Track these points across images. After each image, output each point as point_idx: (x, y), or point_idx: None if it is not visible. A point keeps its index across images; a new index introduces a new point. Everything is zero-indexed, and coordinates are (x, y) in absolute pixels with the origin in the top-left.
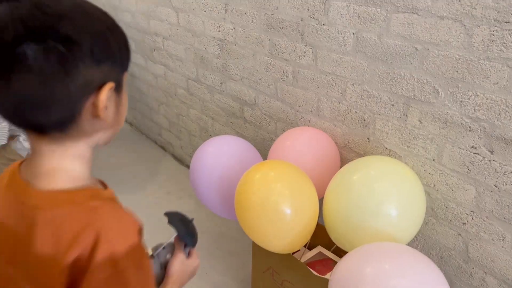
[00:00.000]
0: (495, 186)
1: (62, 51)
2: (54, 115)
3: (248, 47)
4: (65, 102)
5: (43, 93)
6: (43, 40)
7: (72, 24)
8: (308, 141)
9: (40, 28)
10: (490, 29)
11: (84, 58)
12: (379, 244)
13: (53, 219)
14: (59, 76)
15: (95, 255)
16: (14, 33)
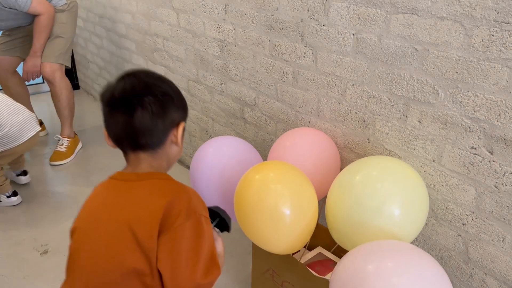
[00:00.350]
0: (495, 187)
1: (163, 101)
2: (154, 139)
3: (248, 48)
4: (161, 131)
5: (151, 125)
6: (154, 94)
7: (167, 86)
8: (308, 141)
9: (152, 87)
10: (490, 29)
11: (173, 105)
12: (381, 242)
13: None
14: (161, 115)
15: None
16: (139, 90)
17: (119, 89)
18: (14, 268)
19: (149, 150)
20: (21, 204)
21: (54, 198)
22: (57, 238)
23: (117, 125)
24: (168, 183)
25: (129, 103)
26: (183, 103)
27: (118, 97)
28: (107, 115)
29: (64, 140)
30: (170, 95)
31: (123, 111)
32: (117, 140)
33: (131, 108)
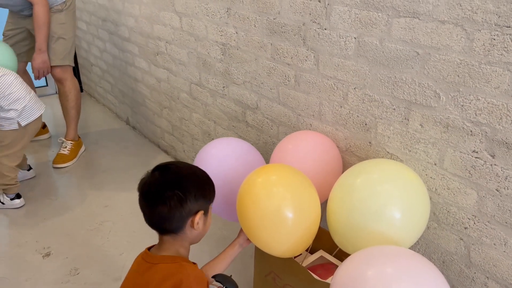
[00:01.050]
0: (497, 191)
1: (182, 197)
2: (173, 226)
3: (250, 51)
4: (179, 220)
5: (170, 216)
6: (173, 190)
7: (189, 183)
8: (310, 145)
9: (176, 184)
10: (491, 33)
11: (191, 199)
12: (382, 247)
13: (163, 268)
14: (178, 208)
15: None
16: (163, 191)
17: (148, 182)
18: (16, 270)
19: (170, 234)
20: (23, 206)
21: (56, 200)
22: (59, 240)
23: (145, 212)
24: (174, 267)
25: (153, 198)
26: (204, 193)
27: (145, 190)
28: (139, 199)
29: (67, 143)
30: (191, 191)
31: (148, 204)
32: (148, 223)
33: (154, 202)
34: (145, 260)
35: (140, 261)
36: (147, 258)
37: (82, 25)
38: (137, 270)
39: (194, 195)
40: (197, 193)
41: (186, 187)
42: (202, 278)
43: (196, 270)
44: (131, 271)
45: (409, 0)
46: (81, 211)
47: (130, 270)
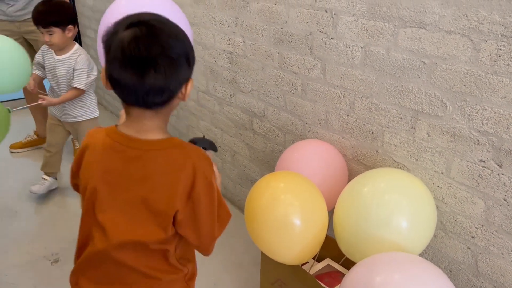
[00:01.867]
0: (504, 200)
1: (177, 62)
2: (163, 98)
3: (257, 60)
4: (172, 90)
5: (162, 87)
6: (169, 56)
7: (182, 45)
8: (316, 153)
9: (167, 47)
10: (498, 44)
11: (185, 65)
12: (389, 254)
13: (166, 155)
14: (173, 75)
15: (197, 175)
16: (153, 51)
17: (132, 45)
18: (24, 276)
19: (155, 108)
20: (32, 213)
21: (65, 207)
22: (68, 247)
23: (125, 80)
24: (180, 153)
25: (142, 64)
26: (194, 59)
27: (130, 55)
28: (114, 67)
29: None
30: (185, 55)
31: (135, 71)
32: (121, 91)
33: (144, 70)
34: (125, 144)
35: (114, 144)
36: (129, 143)
37: (91, 33)
38: (114, 157)
39: (188, 61)
40: (191, 59)
41: (182, 47)
42: (204, 155)
43: (197, 147)
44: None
45: (416, 11)
46: None
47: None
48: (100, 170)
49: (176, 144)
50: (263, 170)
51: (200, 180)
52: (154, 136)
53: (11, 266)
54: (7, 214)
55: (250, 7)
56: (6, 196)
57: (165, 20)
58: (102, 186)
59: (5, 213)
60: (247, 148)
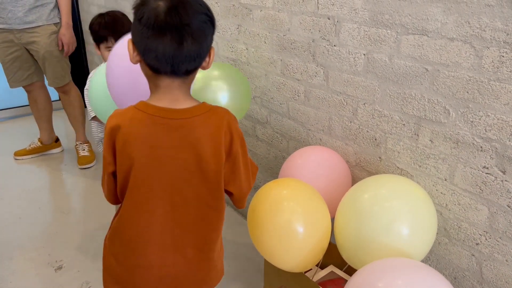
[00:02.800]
0: (508, 207)
1: (206, 28)
2: (196, 65)
3: (260, 67)
4: (202, 57)
5: (196, 54)
6: (201, 22)
7: (209, 11)
8: (320, 160)
9: (198, 13)
10: (500, 50)
11: (212, 30)
12: (391, 260)
13: (204, 119)
14: (205, 41)
15: (233, 132)
16: (187, 17)
17: (168, 13)
18: (28, 283)
19: (184, 76)
20: (36, 219)
21: (69, 214)
22: (72, 254)
23: (163, 49)
24: (216, 115)
25: (180, 31)
26: (215, 25)
27: (167, 23)
28: (146, 37)
29: (84, 146)
30: (211, 21)
31: (173, 38)
32: (157, 60)
33: (182, 37)
34: (165, 116)
35: (154, 118)
36: (167, 114)
37: None
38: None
39: (214, 24)
40: (215, 24)
41: (209, 13)
42: (232, 114)
43: (224, 108)
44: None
45: (418, 18)
46: (93, 224)
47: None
48: (147, 146)
49: (209, 108)
50: (266, 176)
51: (236, 136)
52: (187, 104)
53: (15, 272)
54: (11, 220)
55: (253, 14)
56: (10, 202)
57: None
58: (152, 161)
59: (9, 219)
60: (251, 155)
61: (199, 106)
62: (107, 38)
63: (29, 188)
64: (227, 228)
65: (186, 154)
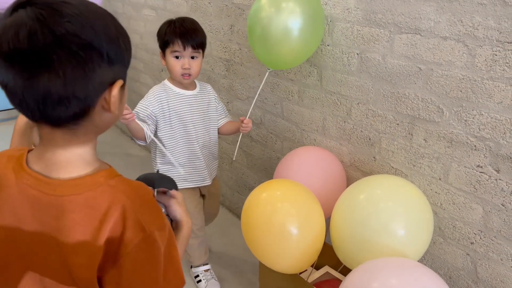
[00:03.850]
0: (502, 205)
1: (83, 57)
2: (71, 110)
3: (254, 67)
4: (82, 99)
5: (65, 92)
6: (69, 47)
7: (92, 32)
8: (314, 160)
9: (65, 35)
10: (493, 49)
11: (100, 62)
12: (385, 259)
13: (84, 202)
14: (80, 78)
15: (127, 225)
16: (43, 40)
17: (11, 34)
18: None
19: (66, 126)
20: None
21: None
22: None
23: (9, 84)
24: (104, 193)
25: (27, 61)
26: (120, 52)
27: (10, 48)
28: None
29: None
30: (96, 47)
31: (19, 71)
32: (10, 99)
33: (31, 68)
34: (35, 188)
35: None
36: (39, 185)
37: None
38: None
39: (106, 55)
40: (111, 52)
41: (90, 42)
42: (144, 194)
43: (137, 184)
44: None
45: (411, 17)
46: None
47: None
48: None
49: (102, 182)
50: (261, 177)
51: (132, 231)
52: (73, 171)
53: None
54: None
55: (246, 14)
56: None
57: None
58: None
59: None
60: (245, 155)
61: (87, 177)
62: (173, 41)
63: None
64: (222, 229)
65: (54, 248)
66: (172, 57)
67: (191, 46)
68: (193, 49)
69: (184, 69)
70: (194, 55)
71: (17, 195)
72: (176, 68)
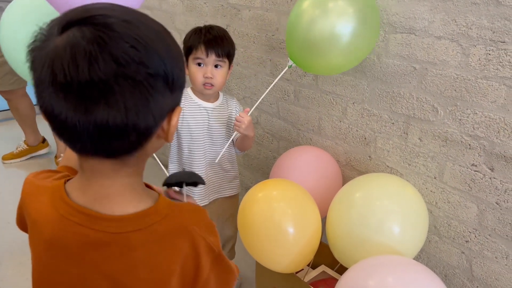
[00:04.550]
0: (497, 204)
1: (147, 87)
2: (129, 142)
3: (250, 67)
4: (142, 130)
5: (124, 125)
6: (132, 76)
7: (158, 58)
8: (310, 159)
9: (130, 63)
10: (486, 48)
11: (164, 90)
12: (382, 257)
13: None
14: (142, 109)
15: (199, 253)
16: (104, 69)
17: (65, 62)
18: None
19: (119, 157)
20: None
21: None
22: None
23: (61, 116)
24: (168, 227)
25: (85, 92)
26: (182, 75)
27: (64, 78)
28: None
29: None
30: (162, 74)
31: (75, 102)
32: (59, 131)
33: (88, 100)
34: (79, 223)
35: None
36: (86, 222)
37: None
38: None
39: (172, 83)
40: (175, 78)
41: (158, 59)
42: (200, 215)
43: (193, 209)
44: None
45: (405, 17)
46: None
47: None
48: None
49: (164, 213)
50: (257, 177)
51: (205, 257)
52: (124, 205)
53: (4, 277)
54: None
55: (241, 14)
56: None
57: (126, 12)
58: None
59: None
60: (241, 155)
61: (143, 213)
62: (196, 47)
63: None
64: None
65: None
66: (194, 64)
67: (215, 53)
68: (217, 56)
69: (206, 77)
70: (218, 63)
71: (59, 234)
72: (198, 76)
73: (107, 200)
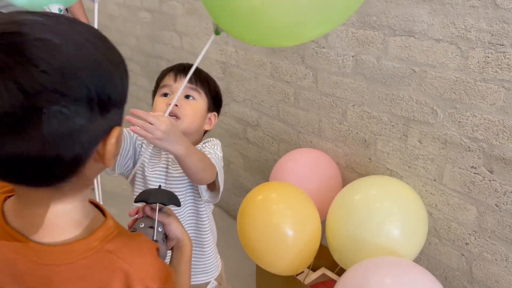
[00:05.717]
0: (496, 206)
1: (67, 114)
2: (55, 173)
3: (250, 69)
4: (70, 160)
5: (44, 157)
6: (45, 106)
7: (78, 82)
8: (310, 162)
9: (41, 93)
10: (485, 51)
11: (90, 115)
12: (381, 258)
13: (76, 273)
14: (64, 138)
15: None
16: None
17: None
18: None
19: (52, 185)
20: None
21: None
22: None
23: None
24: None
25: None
26: (116, 92)
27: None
28: None
29: None
30: (83, 98)
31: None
32: None
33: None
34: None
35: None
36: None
37: None
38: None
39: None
40: (105, 97)
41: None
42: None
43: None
44: None
45: (404, 19)
46: None
47: None
48: None
49: (97, 248)
50: (257, 179)
51: None
52: (60, 234)
53: None
54: None
55: None
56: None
57: (48, 27)
58: None
59: None
60: (241, 158)
61: (79, 242)
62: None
63: None
64: (218, 231)
65: None
66: (159, 95)
67: (186, 78)
68: (189, 83)
69: (169, 105)
70: (190, 93)
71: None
72: (159, 106)
73: (36, 228)
